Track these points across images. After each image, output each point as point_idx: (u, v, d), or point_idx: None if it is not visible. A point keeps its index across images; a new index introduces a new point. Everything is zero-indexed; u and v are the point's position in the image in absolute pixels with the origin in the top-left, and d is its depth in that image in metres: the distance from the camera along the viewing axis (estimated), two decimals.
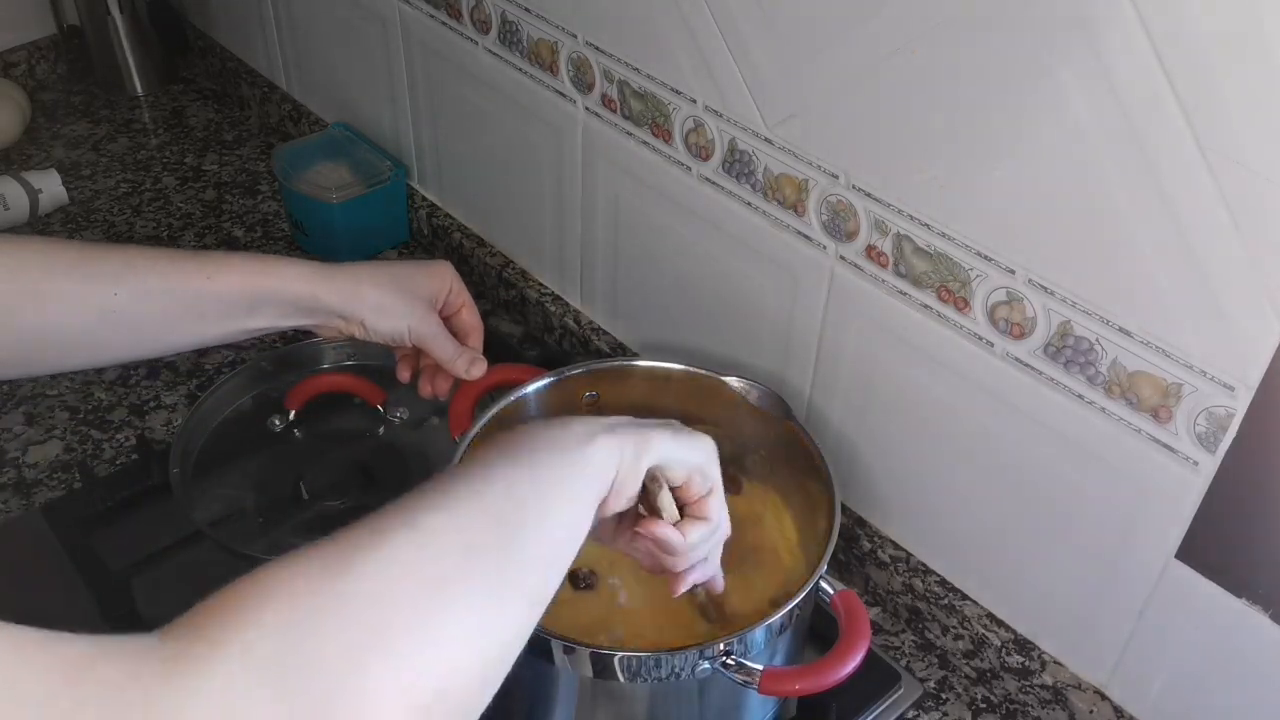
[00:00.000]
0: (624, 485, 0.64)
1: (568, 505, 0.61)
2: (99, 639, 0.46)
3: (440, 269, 0.94)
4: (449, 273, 0.94)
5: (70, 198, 1.36)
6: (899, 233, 0.79)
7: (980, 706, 0.89)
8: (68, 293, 0.79)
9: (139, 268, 0.82)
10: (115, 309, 0.80)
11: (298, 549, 0.51)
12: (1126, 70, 0.62)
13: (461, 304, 0.95)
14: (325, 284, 0.87)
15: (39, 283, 0.78)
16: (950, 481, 0.86)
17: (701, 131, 0.90)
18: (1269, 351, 0.63)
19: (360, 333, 0.90)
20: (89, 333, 0.80)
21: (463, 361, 0.93)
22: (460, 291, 0.95)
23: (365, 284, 0.89)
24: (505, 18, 1.03)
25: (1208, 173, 0.61)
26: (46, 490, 1.03)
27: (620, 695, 0.78)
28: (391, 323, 0.90)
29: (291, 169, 1.27)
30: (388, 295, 0.89)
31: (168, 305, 0.83)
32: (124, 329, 0.81)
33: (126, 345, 0.84)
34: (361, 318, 0.89)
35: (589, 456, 0.62)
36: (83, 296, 0.79)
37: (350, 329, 0.89)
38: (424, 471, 1.02)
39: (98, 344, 0.82)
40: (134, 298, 0.81)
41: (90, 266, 0.80)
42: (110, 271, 0.80)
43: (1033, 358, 0.75)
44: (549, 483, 0.60)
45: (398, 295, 0.90)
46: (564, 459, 0.62)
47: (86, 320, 0.80)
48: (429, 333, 0.91)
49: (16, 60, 1.56)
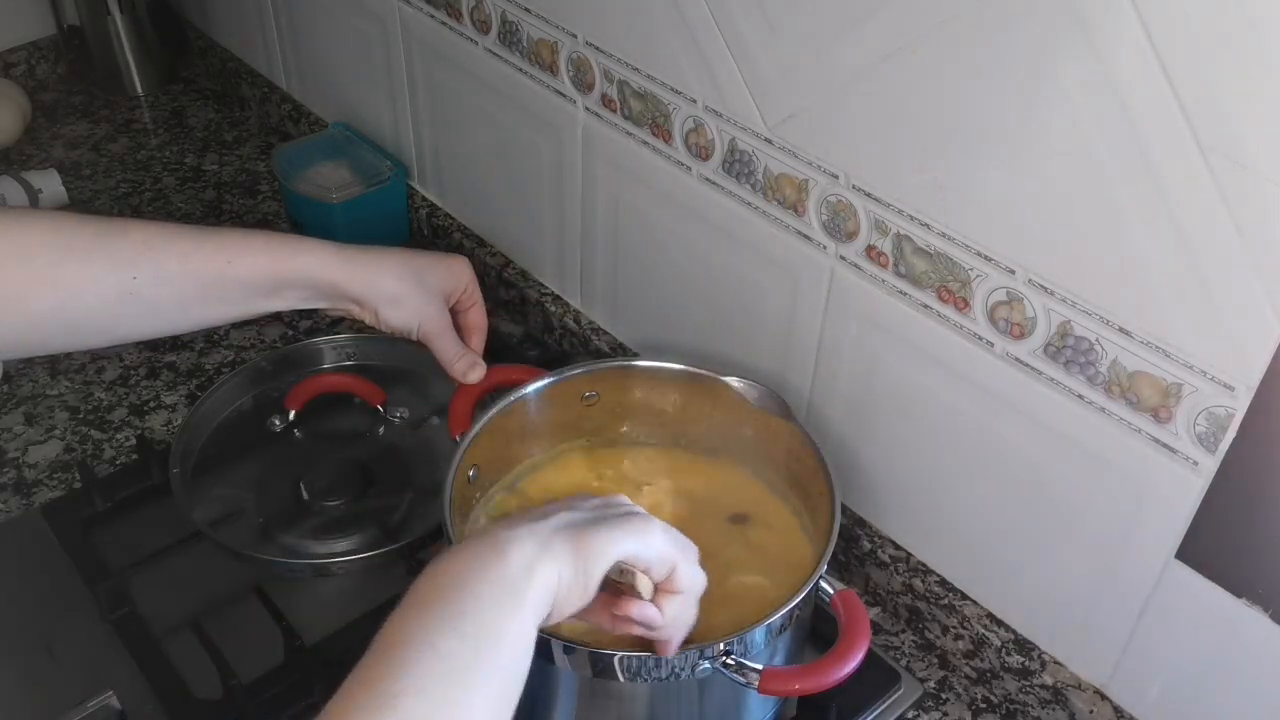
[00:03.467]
0: (569, 599, 0.64)
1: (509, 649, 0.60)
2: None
3: (458, 266, 0.94)
4: (466, 270, 0.95)
5: (70, 198, 1.36)
6: (899, 233, 0.79)
7: (980, 706, 0.89)
8: (84, 276, 0.78)
9: (158, 249, 0.81)
10: (133, 292, 0.79)
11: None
12: (1126, 70, 0.62)
13: (473, 303, 0.95)
14: (347, 270, 0.87)
15: (54, 266, 0.77)
16: (950, 481, 0.86)
17: (701, 131, 0.90)
18: (1269, 351, 0.63)
19: (372, 320, 0.90)
20: (106, 315, 0.80)
21: (462, 365, 0.93)
22: (474, 291, 0.95)
23: (387, 274, 0.89)
24: (505, 18, 1.03)
25: (1208, 173, 0.61)
26: (46, 490, 1.03)
27: (620, 695, 0.78)
28: (404, 315, 0.90)
29: (291, 169, 1.27)
30: (405, 287, 0.90)
31: (187, 289, 0.82)
32: (143, 310, 0.81)
33: (145, 325, 0.84)
34: (376, 307, 0.89)
35: (525, 596, 0.61)
36: (99, 280, 0.78)
37: (363, 315, 0.90)
38: (424, 471, 1.02)
39: (115, 325, 0.81)
40: (153, 281, 0.80)
41: (107, 248, 0.79)
42: (128, 254, 0.79)
43: (1033, 358, 0.75)
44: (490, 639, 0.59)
45: (415, 288, 0.90)
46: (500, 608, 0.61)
47: (104, 303, 0.79)
48: (436, 330, 0.92)
49: (16, 60, 1.57)
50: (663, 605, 0.69)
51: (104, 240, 0.80)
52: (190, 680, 0.87)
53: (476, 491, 0.88)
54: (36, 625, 0.91)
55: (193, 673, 0.87)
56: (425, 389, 1.09)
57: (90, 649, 0.89)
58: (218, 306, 0.85)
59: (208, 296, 0.83)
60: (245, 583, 0.93)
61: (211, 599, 0.93)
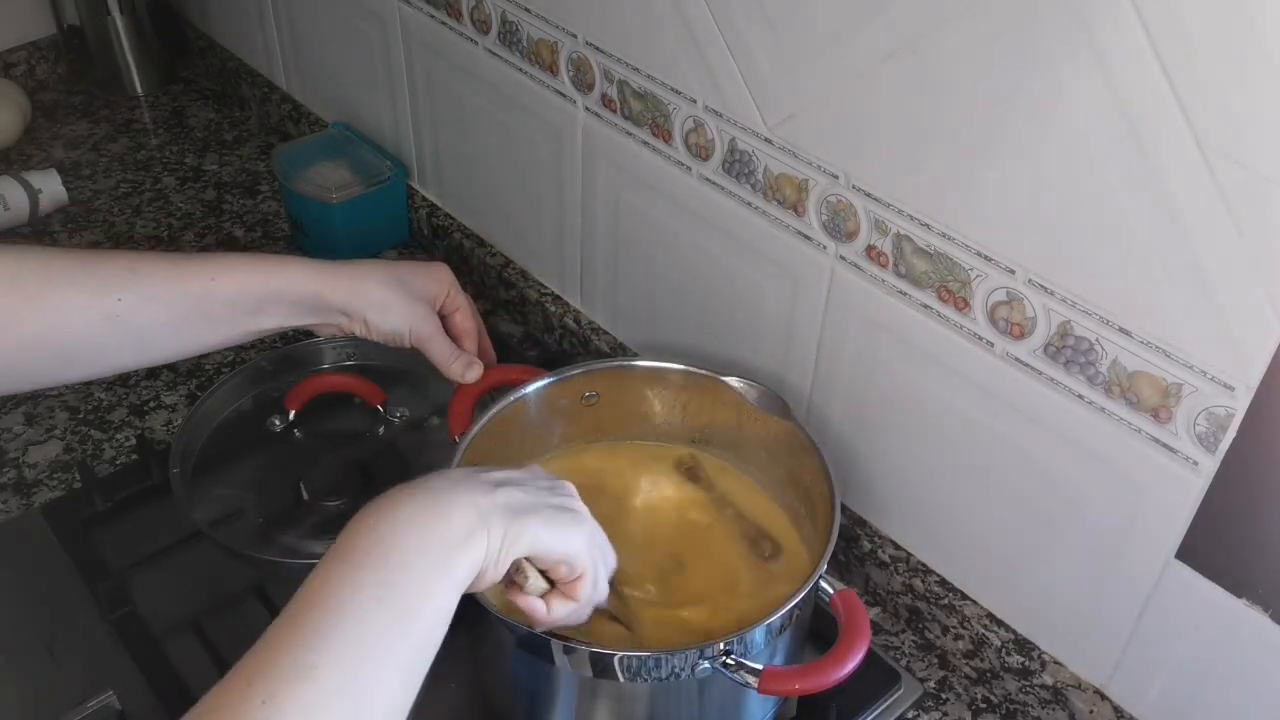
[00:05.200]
0: (484, 577, 0.65)
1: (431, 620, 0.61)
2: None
3: (438, 271, 0.95)
4: (446, 275, 0.95)
5: (70, 198, 1.36)
6: (899, 233, 0.79)
7: (980, 706, 0.89)
8: (71, 299, 0.78)
9: (142, 272, 0.81)
10: (120, 314, 0.80)
11: None
12: (1126, 70, 0.62)
13: (457, 307, 0.95)
14: (330, 282, 0.87)
15: (41, 290, 0.78)
16: (950, 481, 0.86)
17: (701, 131, 0.90)
18: (1269, 351, 0.63)
19: (362, 330, 0.90)
20: (94, 340, 0.80)
21: (458, 365, 0.93)
22: (457, 295, 0.95)
23: (370, 282, 0.89)
24: (505, 18, 1.03)
25: (1208, 173, 0.61)
26: (46, 490, 1.03)
27: (620, 695, 0.78)
28: (393, 321, 0.90)
29: (291, 169, 1.27)
30: (391, 293, 0.90)
31: (173, 309, 0.82)
32: (130, 334, 0.81)
33: (134, 351, 0.83)
34: (365, 315, 0.89)
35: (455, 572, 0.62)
36: (86, 303, 0.79)
37: (352, 326, 0.90)
38: (424, 471, 1.01)
39: (104, 351, 0.81)
40: (139, 302, 0.81)
41: (93, 272, 0.80)
42: (113, 277, 0.80)
43: (1033, 358, 0.75)
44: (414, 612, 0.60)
45: (401, 294, 0.90)
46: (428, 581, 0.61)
47: (91, 327, 0.79)
48: (427, 333, 0.92)
49: (16, 60, 1.56)
50: (553, 604, 0.70)
51: (88, 265, 0.80)
52: (190, 680, 0.87)
53: None
54: (36, 625, 0.91)
55: (193, 673, 0.87)
56: (425, 389, 1.09)
57: (90, 649, 0.89)
58: (205, 328, 0.84)
59: (194, 316, 0.83)
60: (245, 583, 0.93)
61: (211, 599, 0.93)
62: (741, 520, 0.89)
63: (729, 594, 0.84)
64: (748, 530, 0.88)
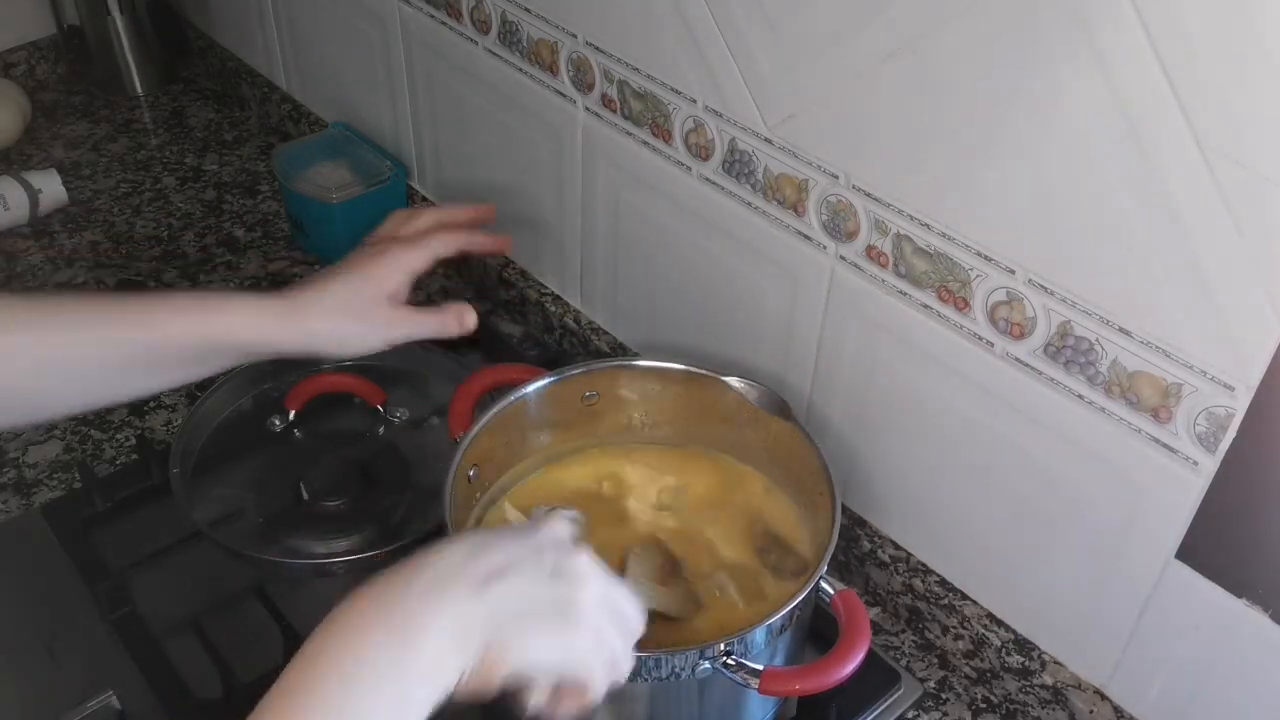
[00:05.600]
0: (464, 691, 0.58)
1: None
2: None
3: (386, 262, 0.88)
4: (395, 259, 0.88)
5: (70, 198, 1.36)
6: (899, 233, 0.79)
7: (980, 706, 0.89)
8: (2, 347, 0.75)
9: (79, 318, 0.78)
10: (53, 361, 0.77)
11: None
12: (1126, 70, 0.62)
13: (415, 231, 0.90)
14: (276, 327, 0.83)
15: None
16: (950, 481, 0.86)
17: (701, 131, 0.90)
18: (1269, 351, 0.63)
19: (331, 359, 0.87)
20: (32, 387, 0.77)
21: (451, 323, 0.90)
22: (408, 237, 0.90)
23: (314, 319, 0.84)
24: (505, 18, 1.03)
25: (1208, 173, 0.61)
26: (46, 490, 1.03)
27: (620, 695, 0.77)
28: (356, 345, 0.87)
29: (291, 169, 1.27)
30: (341, 323, 0.85)
31: (108, 357, 0.79)
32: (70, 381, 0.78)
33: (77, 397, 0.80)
34: (321, 351, 0.86)
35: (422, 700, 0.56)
36: (12, 351, 0.76)
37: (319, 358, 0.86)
38: (424, 471, 1.02)
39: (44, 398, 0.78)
40: (71, 350, 0.77)
41: (25, 318, 0.77)
42: (49, 324, 0.77)
43: (1033, 358, 0.75)
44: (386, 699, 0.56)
45: (350, 320, 0.86)
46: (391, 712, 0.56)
47: (22, 376, 0.76)
48: (403, 332, 0.88)
49: (16, 60, 1.57)
50: (561, 702, 0.63)
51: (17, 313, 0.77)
52: (190, 680, 0.87)
53: (476, 491, 0.88)
54: (36, 625, 0.91)
55: (193, 673, 0.87)
56: (425, 389, 1.09)
57: (90, 649, 0.89)
58: (145, 375, 0.81)
59: (133, 365, 0.80)
60: (245, 583, 0.93)
61: (211, 599, 0.93)
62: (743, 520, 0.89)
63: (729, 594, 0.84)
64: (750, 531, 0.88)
